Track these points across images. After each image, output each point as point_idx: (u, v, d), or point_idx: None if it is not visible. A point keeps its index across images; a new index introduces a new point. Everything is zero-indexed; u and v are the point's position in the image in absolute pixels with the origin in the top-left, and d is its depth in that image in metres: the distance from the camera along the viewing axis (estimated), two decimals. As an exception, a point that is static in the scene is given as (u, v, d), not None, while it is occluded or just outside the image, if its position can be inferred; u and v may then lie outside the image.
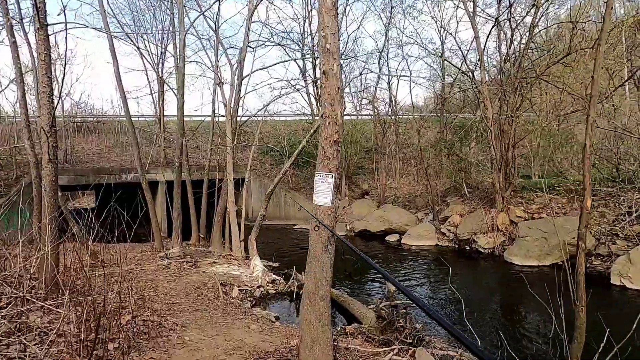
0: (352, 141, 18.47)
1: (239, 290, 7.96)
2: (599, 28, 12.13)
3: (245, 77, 11.20)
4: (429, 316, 1.70)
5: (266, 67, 10.48)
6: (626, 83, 10.19)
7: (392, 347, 4.85)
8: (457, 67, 11.61)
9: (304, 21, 17.77)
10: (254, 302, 7.74)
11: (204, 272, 8.68)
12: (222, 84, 10.55)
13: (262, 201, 18.65)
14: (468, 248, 11.70)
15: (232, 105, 10.50)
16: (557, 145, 11.32)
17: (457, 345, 5.31)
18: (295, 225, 17.28)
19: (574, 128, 11.58)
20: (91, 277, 4.80)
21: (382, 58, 16.90)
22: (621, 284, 7.96)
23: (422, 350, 4.68)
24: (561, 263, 9.61)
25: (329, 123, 3.66)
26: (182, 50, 9.37)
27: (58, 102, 16.01)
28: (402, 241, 13.11)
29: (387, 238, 13.73)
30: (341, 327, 5.70)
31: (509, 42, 11.73)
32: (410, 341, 5.05)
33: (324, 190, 3.70)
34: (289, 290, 8.39)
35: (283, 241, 14.56)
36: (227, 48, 12.93)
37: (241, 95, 11.23)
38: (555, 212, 10.72)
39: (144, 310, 5.93)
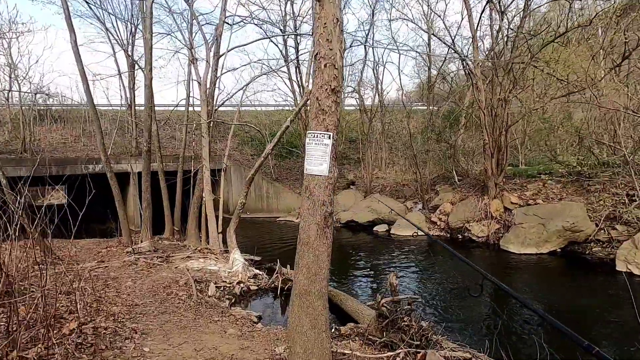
0: (338, 130, 17.56)
1: (216, 287, 6.98)
2: (594, 8, 11.68)
3: (222, 55, 10.11)
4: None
5: (244, 45, 9.42)
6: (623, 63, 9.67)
7: (398, 350, 4.00)
8: (448, 45, 10.87)
9: (286, 3, 16.68)
10: (233, 300, 6.79)
11: (176, 268, 7.62)
12: (196, 60, 9.43)
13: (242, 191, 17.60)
14: (461, 237, 11.05)
15: (207, 84, 9.41)
16: (553, 128, 10.77)
17: (469, 345, 4.53)
18: (279, 217, 16.30)
19: (571, 111, 11.07)
20: (40, 277, 3.76)
21: (367, 41, 16.02)
22: (628, 270, 7.42)
23: (433, 354, 3.86)
24: (559, 250, 9.07)
25: (325, 66, 2.73)
26: (149, 20, 8.20)
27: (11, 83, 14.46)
28: (391, 231, 12.36)
29: (375, 228, 12.96)
30: (335, 328, 4.82)
31: (502, 22, 11.05)
32: (418, 342, 4.21)
33: (318, 154, 2.78)
34: (272, 285, 7.48)
35: (266, 234, 13.57)
36: (203, 24, 11.75)
37: (218, 75, 10.13)
38: (551, 198, 10.17)
39: (99, 314, 4.87)
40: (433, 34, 11.35)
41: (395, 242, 11.28)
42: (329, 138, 2.75)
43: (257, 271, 8.04)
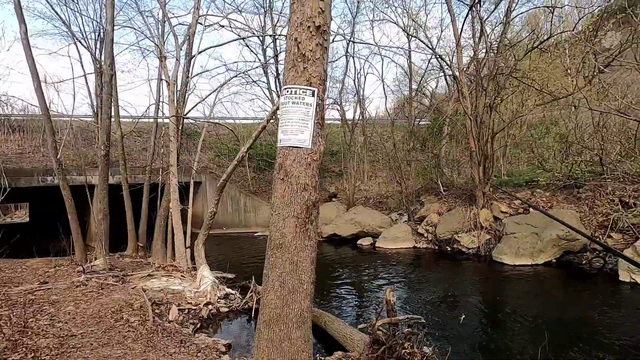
0: (318, 141, 16.83)
1: (179, 310, 5.90)
2: (577, 14, 11.60)
3: (194, 56, 9.27)
4: None
5: (218, 45, 8.61)
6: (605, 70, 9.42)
7: (400, 387, 3.11)
8: (432, 49, 10.45)
9: (265, 14, 16.13)
10: (198, 325, 5.73)
11: (133, 288, 6.46)
12: (165, 58, 8.54)
13: (221, 204, 16.43)
14: (449, 249, 10.32)
15: (177, 85, 8.50)
16: (540, 135, 10.41)
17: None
18: (257, 232, 15.19)
19: (557, 118, 10.73)
20: None
21: (348, 52, 15.59)
22: (632, 280, 6.81)
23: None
24: (555, 261, 8.46)
25: (307, -7, 1.92)
26: (111, 10, 7.29)
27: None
28: (376, 245, 11.52)
29: (359, 242, 12.09)
30: (320, 358, 3.86)
31: (483, 29, 10.75)
32: (423, 375, 3.33)
33: (297, 118, 1.94)
34: (246, 306, 6.46)
35: (242, 250, 12.45)
36: (175, 25, 10.93)
37: (189, 76, 9.25)
38: (542, 207, 9.64)
39: (16, 350, 3.75)
40: (415, 36, 10.94)
41: (381, 256, 10.42)
42: (313, 95, 1.92)
43: (229, 290, 6.99)
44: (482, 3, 10.79)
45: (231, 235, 15.24)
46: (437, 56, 10.63)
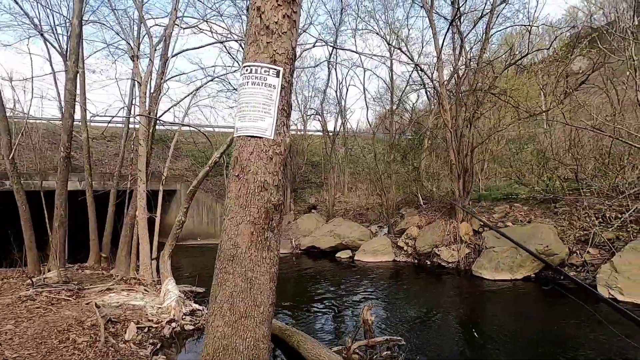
0: (299, 150, 16.52)
1: (138, 328, 5.31)
2: (554, 32, 11.88)
3: (169, 58, 8.83)
4: None
5: (195, 48, 8.22)
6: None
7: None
8: (412, 60, 10.41)
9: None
10: (159, 345, 5.16)
11: (87, 304, 5.84)
12: (138, 58, 8.07)
13: (194, 217, 15.73)
14: (429, 263, 10.07)
15: (150, 87, 8.03)
16: (518, 149, 10.46)
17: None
18: (233, 244, 14.57)
19: (534, 134, 10.85)
20: None
21: (331, 62, 15.48)
22: (610, 296, 6.69)
23: None
24: (533, 276, 8.32)
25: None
26: (78, 4, 6.80)
27: None
28: (355, 258, 11.16)
29: (338, 255, 11.70)
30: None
31: (462, 44, 10.83)
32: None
33: (257, 102, 1.59)
34: (214, 324, 5.87)
35: (212, 261, 11.80)
36: (152, 26, 10.48)
37: (163, 79, 8.79)
38: (520, 221, 9.58)
39: None
40: (397, 47, 10.89)
41: (360, 270, 10.06)
42: (277, 76, 1.59)
43: (196, 306, 6.43)
44: (461, 20, 10.89)
45: (206, 247, 14.55)
46: (419, 68, 10.60)
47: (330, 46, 9.35)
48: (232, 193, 1.63)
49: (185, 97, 9.43)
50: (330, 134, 16.77)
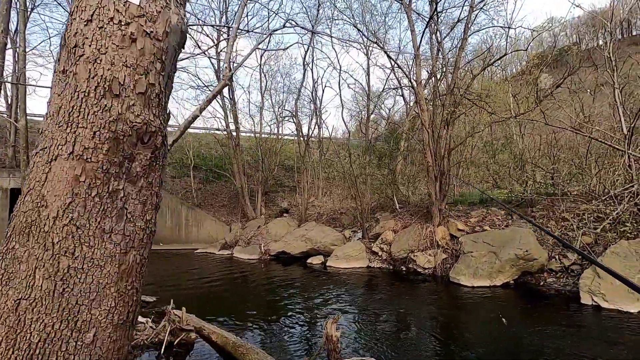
0: (272, 151, 15.66)
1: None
2: (531, 35, 11.80)
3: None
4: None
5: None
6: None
7: None
8: (393, 59, 9.91)
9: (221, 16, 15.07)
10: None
11: None
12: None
13: (159, 217, 14.49)
14: (404, 269, 9.42)
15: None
16: (494, 153, 10.12)
17: None
18: (198, 249, 13.46)
19: (511, 138, 10.59)
20: None
21: (306, 66, 14.86)
22: (594, 303, 6.22)
23: None
24: (512, 282, 7.81)
25: None
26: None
27: None
28: (327, 264, 10.37)
29: (309, 260, 10.88)
30: None
31: (440, 44, 10.47)
32: None
33: None
34: (156, 339, 4.97)
35: (178, 269, 10.70)
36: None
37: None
38: (497, 225, 9.14)
39: None
40: (374, 42, 10.40)
41: (332, 276, 9.27)
42: None
43: (140, 318, 5.43)
44: (439, 19, 10.56)
45: (169, 252, 13.35)
46: (397, 65, 10.11)
47: (303, 28, 8.68)
48: (52, 106, 0.86)
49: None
50: (305, 137, 16.07)
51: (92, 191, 0.83)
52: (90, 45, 0.84)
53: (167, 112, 1.03)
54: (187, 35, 1.09)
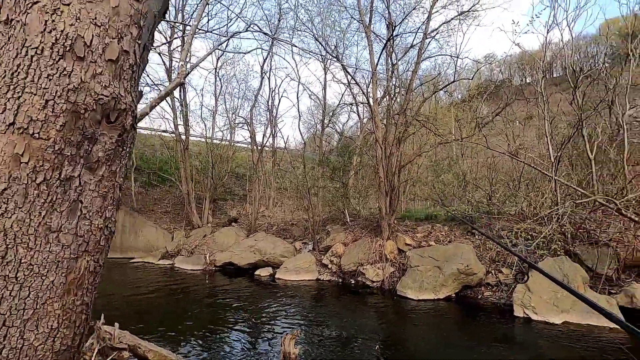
0: (223, 158, 15.10)
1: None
2: (475, 66, 12.84)
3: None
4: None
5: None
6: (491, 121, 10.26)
7: None
8: (350, 75, 10.18)
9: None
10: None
11: None
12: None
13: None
14: (354, 282, 9.48)
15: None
16: (439, 172, 10.74)
17: None
18: (134, 258, 12.38)
19: (457, 159, 11.33)
20: None
21: (264, 74, 14.70)
22: (525, 315, 6.72)
23: None
24: (454, 296, 8.20)
25: None
26: None
27: None
28: (276, 276, 10.09)
29: (257, 272, 10.51)
30: None
31: (394, 67, 10.99)
32: None
33: None
34: (80, 360, 4.32)
35: (108, 280, 9.70)
36: None
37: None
38: (441, 240, 9.61)
39: None
40: (332, 56, 10.60)
41: (280, 289, 9.02)
42: None
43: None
44: (395, 41, 11.11)
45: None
46: (354, 81, 10.39)
47: (266, 34, 8.56)
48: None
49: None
50: (259, 146, 15.75)
51: (38, 176, 0.63)
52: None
53: (140, 90, 0.86)
54: (169, 3, 0.94)
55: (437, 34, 10.38)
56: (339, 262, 10.01)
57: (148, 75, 13.16)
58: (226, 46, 13.17)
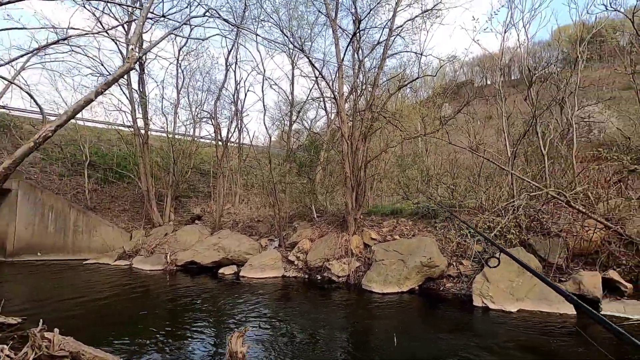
0: (186, 153, 14.51)
1: None
2: (438, 64, 13.13)
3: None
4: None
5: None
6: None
7: None
8: (318, 69, 10.06)
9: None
10: None
11: None
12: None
13: (35, 224, 12.14)
14: (320, 277, 9.40)
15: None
16: (405, 167, 10.91)
17: None
18: (88, 260, 11.61)
19: (421, 154, 11.55)
20: None
21: (229, 66, 14.26)
22: (484, 305, 6.93)
23: None
24: (417, 288, 8.34)
25: None
26: None
27: None
28: (240, 274, 9.81)
29: (221, 271, 10.18)
30: None
31: (361, 62, 11.00)
32: None
33: None
34: (14, 371, 3.98)
35: (57, 283, 9.02)
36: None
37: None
38: (406, 234, 9.75)
39: None
40: (299, 49, 10.42)
41: (244, 287, 8.77)
42: None
43: (-5, 345, 4.30)
44: (361, 37, 11.11)
45: (51, 263, 11.28)
46: (320, 75, 10.28)
47: (227, 22, 8.16)
48: None
49: (21, 55, 6.89)
50: (224, 141, 15.28)
51: None
52: None
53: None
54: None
55: (402, 30, 10.49)
56: (305, 258, 9.90)
57: (102, 64, 12.35)
58: (189, 34, 12.60)
